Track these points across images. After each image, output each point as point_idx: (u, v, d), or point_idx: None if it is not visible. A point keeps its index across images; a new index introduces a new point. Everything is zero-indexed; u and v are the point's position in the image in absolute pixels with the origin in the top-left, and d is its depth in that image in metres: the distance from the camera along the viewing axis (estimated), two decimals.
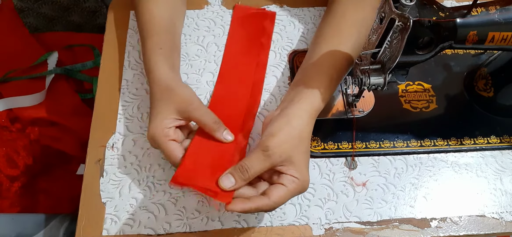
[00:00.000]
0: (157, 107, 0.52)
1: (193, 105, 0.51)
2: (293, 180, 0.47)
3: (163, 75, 0.53)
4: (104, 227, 0.53)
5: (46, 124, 0.89)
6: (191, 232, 0.53)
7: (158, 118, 0.51)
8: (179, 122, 0.52)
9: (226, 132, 0.52)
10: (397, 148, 0.58)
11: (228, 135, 0.52)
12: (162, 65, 0.54)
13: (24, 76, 0.90)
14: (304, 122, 0.50)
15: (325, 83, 0.52)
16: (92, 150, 0.58)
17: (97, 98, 0.62)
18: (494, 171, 0.58)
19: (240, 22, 0.68)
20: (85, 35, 1.07)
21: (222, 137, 0.52)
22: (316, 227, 0.53)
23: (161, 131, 0.50)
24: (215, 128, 0.51)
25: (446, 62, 0.66)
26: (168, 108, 0.51)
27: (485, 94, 0.61)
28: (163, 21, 0.59)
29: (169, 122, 0.51)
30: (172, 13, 0.61)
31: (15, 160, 0.85)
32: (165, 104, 0.51)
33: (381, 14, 0.47)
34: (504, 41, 0.50)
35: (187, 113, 0.51)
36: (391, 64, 0.48)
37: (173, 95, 0.51)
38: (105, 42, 0.67)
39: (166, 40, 0.57)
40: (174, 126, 0.51)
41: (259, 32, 0.67)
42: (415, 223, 0.54)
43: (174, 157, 0.50)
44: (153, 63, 0.55)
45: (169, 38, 0.58)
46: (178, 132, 0.52)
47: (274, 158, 0.47)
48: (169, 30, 0.59)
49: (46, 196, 0.87)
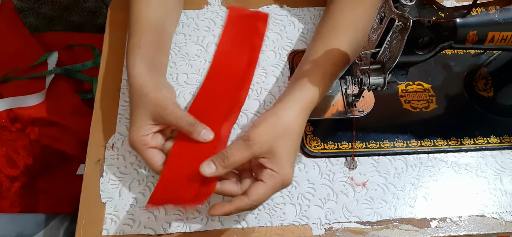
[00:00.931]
0: (133, 114, 0.51)
1: (167, 110, 0.50)
2: (272, 175, 0.46)
3: (137, 77, 0.52)
4: (104, 227, 0.53)
5: (46, 124, 0.89)
6: (191, 232, 0.53)
7: (135, 126, 0.50)
8: (157, 128, 0.51)
9: (204, 131, 0.50)
10: (397, 148, 0.58)
11: (207, 134, 0.50)
12: (138, 65, 0.53)
13: (24, 76, 0.90)
14: (292, 114, 0.48)
15: (318, 76, 0.51)
16: (92, 150, 0.58)
17: (97, 98, 0.62)
18: (494, 171, 0.58)
19: (233, 23, 0.68)
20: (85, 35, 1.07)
21: (200, 138, 0.50)
22: (316, 227, 0.53)
23: (138, 140, 0.49)
24: (190, 131, 0.50)
25: (446, 62, 0.66)
26: (143, 115, 0.50)
27: (485, 94, 0.61)
28: (150, 21, 0.58)
29: (146, 129, 0.50)
30: (163, 13, 0.60)
31: (15, 160, 0.85)
32: (140, 111, 0.50)
33: (381, 14, 0.47)
34: (504, 41, 0.50)
35: (162, 118, 0.50)
36: (391, 64, 0.48)
37: (147, 101, 0.50)
38: (105, 42, 0.67)
39: (150, 39, 0.56)
40: (152, 132, 0.50)
41: (251, 33, 0.67)
42: (415, 223, 0.54)
43: (153, 165, 0.49)
44: (129, 63, 0.53)
45: (153, 38, 0.57)
46: (158, 137, 0.51)
47: (255, 148, 0.46)
48: (155, 30, 0.58)
49: (46, 196, 0.87)
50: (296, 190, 0.55)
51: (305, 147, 0.58)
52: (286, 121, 0.48)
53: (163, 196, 0.49)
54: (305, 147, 0.58)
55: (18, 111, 0.86)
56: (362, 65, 0.52)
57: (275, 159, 0.46)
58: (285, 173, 0.47)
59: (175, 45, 0.66)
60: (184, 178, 0.49)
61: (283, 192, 0.55)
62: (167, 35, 0.62)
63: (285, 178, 0.47)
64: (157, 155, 0.50)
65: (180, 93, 0.62)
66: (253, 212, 0.54)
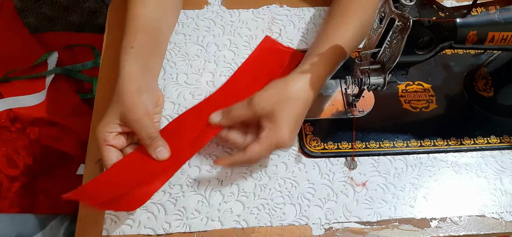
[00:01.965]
0: (108, 108, 0.52)
1: (134, 115, 0.50)
2: (267, 134, 0.49)
3: (124, 76, 0.52)
4: (104, 227, 0.53)
5: (46, 124, 0.89)
6: (191, 232, 0.53)
7: (103, 121, 0.51)
8: (121, 129, 0.51)
9: (161, 149, 0.51)
10: (397, 148, 0.58)
11: (163, 153, 0.51)
12: (127, 65, 0.53)
13: (24, 76, 0.90)
14: (300, 84, 0.51)
15: (329, 54, 0.54)
16: (92, 150, 0.58)
17: (97, 98, 0.62)
18: (494, 171, 0.58)
19: (262, 52, 0.66)
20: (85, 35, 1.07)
21: (154, 154, 0.51)
22: (316, 227, 0.53)
23: (101, 134, 0.50)
24: (148, 144, 0.50)
25: (446, 62, 0.66)
26: (114, 112, 0.51)
27: (485, 94, 0.61)
28: (146, 21, 0.58)
29: (111, 127, 0.50)
30: (160, 14, 0.60)
31: (15, 160, 0.85)
32: (113, 108, 0.51)
33: (381, 14, 0.47)
34: (504, 41, 0.50)
35: (128, 122, 0.50)
36: (391, 64, 0.49)
37: (121, 100, 0.51)
38: (105, 42, 0.67)
39: (143, 40, 0.56)
40: (116, 131, 0.51)
41: (276, 67, 0.64)
42: (415, 223, 0.54)
43: (106, 162, 0.50)
44: (120, 62, 0.54)
45: (147, 38, 0.57)
46: (120, 138, 0.52)
47: (256, 109, 0.49)
48: (150, 31, 0.57)
49: (46, 196, 0.87)
50: (296, 190, 0.55)
51: (305, 147, 0.58)
52: (292, 90, 0.50)
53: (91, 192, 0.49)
54: (305, 147, 0.58)
55: (18, 111, 0.86)
56: (362, 65, 0.52)
57: (274, 120, 0.49)
58: (281, 134, 0.49)
59: (175, 45, 0.66)
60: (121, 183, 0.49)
61: (283, 192, 0.55)
62: (163, 37, 0.61)
63: (279, 139, 0.49)
64: (113, 153, 0.50)
65: (179, 93, 0.62)
66: (252, 212, 0.54)
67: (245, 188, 0.55)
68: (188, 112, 0.59)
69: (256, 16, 0.70)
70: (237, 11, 0.70)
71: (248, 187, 0.55)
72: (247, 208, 0.54)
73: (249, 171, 0.56)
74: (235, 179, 0.56)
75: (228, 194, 0.55)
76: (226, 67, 0.65)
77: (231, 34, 0.68)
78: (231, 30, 0.68)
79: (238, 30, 0.69)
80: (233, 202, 0.54)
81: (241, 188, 0.55)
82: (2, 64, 0.91)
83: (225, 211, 0.54)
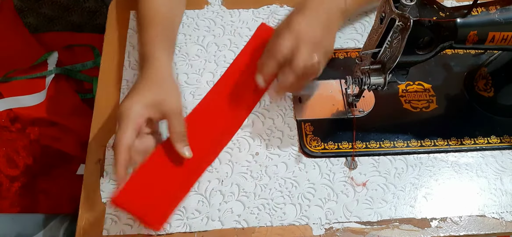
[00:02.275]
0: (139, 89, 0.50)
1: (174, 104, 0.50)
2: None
3: (159, 65, 0.53)
4: (104, 227, 0.53)
5: (46, 124, 0.89)
6: (191, 232, 0.53)
7: (138, 100, 0.49)
8: (151, 115, 0.50)
9: (187, 148, 0.52)
10: (397, 148, 0.58)
11: (187, 151, 0.52)
12: (158, 52, 0.54)
13: (24, 76, 0.90)
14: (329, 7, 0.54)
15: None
16: (92, 150, 0.58)
17: (97, 98, 0.62)
18: (494, 171, 0.58)
19: (258, 40, 0.66)
20: (85, 35, 1.07)
21: (181, 150, 0.51)
22: (316, 227, 0.53)
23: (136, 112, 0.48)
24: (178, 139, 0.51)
25: (446, 62, 0.66)
26: (149, 95, 0.49)
27: (485, 94, 0.61)
28: (161, 13, 0.59)
29: (147, 111, 0.49)
30: (172, 6, 0.62)
31: (15, 160, 0.85)
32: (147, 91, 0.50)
33: (381, 14, 0.47)
34: (504, 41, 0.50)
35: (166, 112, 0.50)
36: (391, 64, 0.49)
37: (159, 86, 0.50)
38: (105, 42, 0.67)
39: (166, 32, 0.58)
40: (144, 117, 0.49)
41: None
42: (415, 223, 0.54)
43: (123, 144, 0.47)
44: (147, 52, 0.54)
45: (164, 29, 0.58)
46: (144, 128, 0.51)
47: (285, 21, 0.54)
48: (164, 22, 0.59)
49: (46, 196, 0.87)
50: (296, 190, 0.55)
51: (305, 147, 0.58)
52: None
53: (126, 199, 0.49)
54: (305, 147, 0.58)
55: (18, 111, 0.86)
56: (363, 65, 0.52)
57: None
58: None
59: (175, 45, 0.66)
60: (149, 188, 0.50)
61: (284, 192, 0.55)
62: (176, 30, 0.63)
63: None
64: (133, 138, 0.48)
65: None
66: (253, 212, 0.54)
67: (245, 188, 0.55)
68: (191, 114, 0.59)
69: (256, 16, 0.70)
70: (237, 11, 0.70)
71: (248, 187, 0.55)
72: (248, 208, 0.54)
73: (250, 171, 0.56)
74: (235, 179, 0.56)
75: (228, 194, 0.55)
76: (226, 67, 0.65)
77: (231, 34, 0.68)
78: (232, 30, 0.68)
79: (238, 30, 0.69)
80: (234, 202, 0.54)
81: (241, 188, 0.55)
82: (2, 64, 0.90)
83: (225, 211, 0.54)
